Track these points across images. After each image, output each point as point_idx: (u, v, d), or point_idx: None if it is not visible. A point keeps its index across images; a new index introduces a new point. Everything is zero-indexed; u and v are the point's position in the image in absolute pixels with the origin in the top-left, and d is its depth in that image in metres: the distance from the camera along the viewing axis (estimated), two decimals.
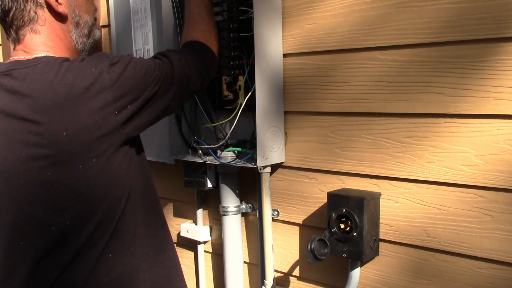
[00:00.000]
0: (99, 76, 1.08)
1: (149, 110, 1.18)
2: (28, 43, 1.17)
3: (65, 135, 1.03)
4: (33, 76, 1.07)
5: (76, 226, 1.11)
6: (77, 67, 1.08)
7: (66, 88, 1.05)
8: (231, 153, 1.59)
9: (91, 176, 1.08)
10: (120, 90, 1.10)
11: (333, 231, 1.37)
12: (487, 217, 1.22)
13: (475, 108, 1.20)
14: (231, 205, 1.68)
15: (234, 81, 1.61)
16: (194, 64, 1.31)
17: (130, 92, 1.12)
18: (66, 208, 1.09)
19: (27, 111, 1.04)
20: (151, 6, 1.81)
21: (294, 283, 1.63)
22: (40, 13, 1.16)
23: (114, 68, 1.11)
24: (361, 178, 1.42)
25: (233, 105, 1.60)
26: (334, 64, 1.43)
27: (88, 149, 1.06)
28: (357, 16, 1.37)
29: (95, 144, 1.07)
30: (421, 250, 1.33)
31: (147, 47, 1.87)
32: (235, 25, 1.53)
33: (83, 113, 1.05)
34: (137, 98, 1.13)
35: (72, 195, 1.09)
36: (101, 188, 1.11)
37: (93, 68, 1.08)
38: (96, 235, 1.12)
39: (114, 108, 1.08)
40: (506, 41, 1.15)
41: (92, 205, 1.11)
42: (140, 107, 1.15)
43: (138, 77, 1.14)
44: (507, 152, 1.17)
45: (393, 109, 1.33)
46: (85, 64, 1.10)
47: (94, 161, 1.08)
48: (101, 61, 1.11)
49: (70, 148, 1.04)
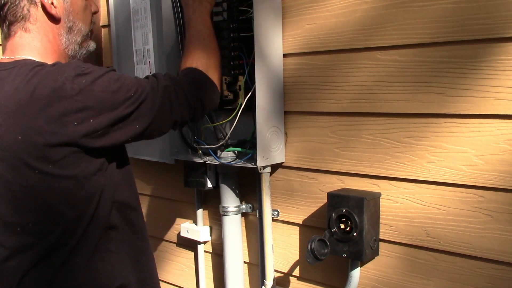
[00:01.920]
0: (62, 84, 1.05)
1: (121, 131, 1.12)
2: (17, 42, 1.17)
3: (20, 138, 1.04)
4: (7, 79, 1.09)
5: (40, 229, 1.11)
6: (44, 73, 1.07)
7: (28, 93, 1.05)
8: (231, 153, 1.59)
9: (52, 182, 1.08)
10: (82, 102, 1.06)
11: (333, 231, 1.37)
12: (487, 217, 1.22)
13: (475, 108, 1.20)
14: (231, 205, 1.68)
15: (234, 81, 1.61)
16: (184, 93, 1.23)
17: (93, 106, 1.07)
18: (29, 211, 1.10)
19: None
20: (151, 6, 1.81)
21: (294, 283, 1.63)
22: (33, 11, 1.16)
23: (80, 79, 1.07)
24: (361, 178, 1.42)
25: (233, 105, 1.60)
26: (334, 64, 1.43)
27: (43, 155, 1.05)
28: (357, 16, 1.37)
29: (50, 151, 1.05)
30: (421, 250, 1.33)
31: (147, 47, 1.87)
32: (235, 25, 1.53)
33: (41, 119, 1.04)
34: (100, 113, 1.08)
35: (33, 199, 1.09)
36: (65, 194, 1.10)
37: (58, 75, 1.07)
38: (62, 239, 1.12)
39: (73, 119, 1.05)
40: (506, 41, 1.15)
41: (56, 210, 1.11)
42: (107, 125, 1.09)
43: (106, 93, 1.09)
44: (507, 152, 1.17)
45: (393, 109, 1.33)
46: (53, 70, 1.08)
47: (51, 167, 1.06)
48: (70, 69, 1.08)
49: (25, 152, 1.05)
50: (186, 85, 1.25)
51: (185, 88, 1.24)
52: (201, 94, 1.27)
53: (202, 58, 1.34)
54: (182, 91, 1.23)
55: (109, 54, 2.13)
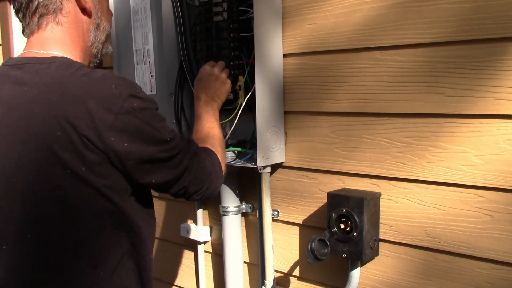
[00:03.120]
0: (114, 98, 1.00)
1: (147, 171, 1.07)
2: (48, 36, 1.12)
3: (59, 134, 0.99)
4: (46, 71, 1.04)
5: (59, 236, 1.06)
6: (97, 77, 1.03)
7: (76, 88, 1.00)
8: (231, 153, 1.59)
9: (80, 186, 1.02)
10: (124, 123, 1.00)
11: (333, 231, 1.37)
12: (487, 217, 1.22)
13: (475, 108, 1.20)
14: (231, 205, 1.68)
15: (234, 81, 1.61)
16: (205, 170, 1.19)
17: (132, 132, 1.02)
18: (48, 215, 1.05)
19: (29, 103, 1.01)
20: (151, 6, 1.81)
21: (294, 283, 1.63)
22: (65, 3, 1.12)
23: (132, 100, 1.02)
24: (361, 178, 1.42)
25: (233, 105, 1.60)
26: (334, 64, 1.43)
27: (78, 154, 0.99)
28: (357, 16, 1.37)
29: (87, 152, 1.00)
30: (421, 250, 1.33)
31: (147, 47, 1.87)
32: (235, 25, 1.53)
33: (82, 120, 0.98)
34: (134, 142, 1.03)
35: (55, 201, 1.04)
36: (88, 201, 1.04)
37: (113, 86, 1.02)
38: (82, 249, 1.07)
39: (112, 135, 1.00)
40: (506, 41, 1.15)
41: (79, 216, 1.06)
42: (137, 158, 1.04)
43: (148, 126, 1.05)
44: (507, 152, 1.17)
45: (393, 109, 1.33)
46: (108, 79, 1.04)
47: (84, 170, 1.01)
48: (126, 86, 1.03)
49: (58, 145, 0.99)
50: (209, 164, 1.21)
51: (207, 166, 1.20)
52: (214, 180, 1.23)
53: (219, 152, 1.30)
54: (203, 167, 1.19)
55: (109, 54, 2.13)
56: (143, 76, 1.90)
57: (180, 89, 1.69)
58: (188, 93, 1.70)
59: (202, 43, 1.62)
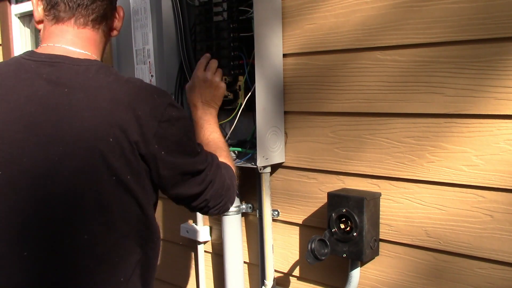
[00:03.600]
0: (158, 106, 1.03)
1: (181, 183, 1.10)
2: (88, 36, 1.11)
3: (111, 140, 0.99)
4: (87, 74, 1.03)
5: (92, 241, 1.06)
6: (139, 85, 1.05)
7: (125, 95, 1.01)
8: (231, 153, 1.59)
9: (123, 194, 1.03)
10: (164, 130, 1.03)
11: (333, 231, 1.37)
12: (487, 217, 1.22)
13: (475, 108, 1.20)
14: None
15: (234, 81, 1.61)
16: (225, 185, 1.20)
17: (169, 140, 1.05)
18: (89, 220, 1.04)
19: (75, 106, 1.00)
20: (151, 6, 1.81)
21: (294, 283, 1.63)
22: (112, 17, 1.16)
23: (171, 109, 1.05)
24: (361, 178, 1.42)
25: (233, 105, 1.60)
26: (334, 64, 1.43)
27: (126, 161, 1.00)
28: (357, 16, 1.37)
29: (133, 159, 1.01)
30: (421, 250, 1.33)
31: (147, 47, 1.87)
32: (235, 25, 1.53)
33: (133, 126, 1.00)
34: (172, 151, 1.05)
35: (98, 206, 1.03)
36: (125, 210, 1.06)
37: (155, 95, 1.05)
38: (111, 254, 1.08)
39: (155, 142, 1.02)
40: (506, 41, 1.15)
41: (115, 224, 1.06)
42: (172, 167, 1.07)
43: (183, 135, 1.08)
44: (507, 152, 1.17)
45: (393, 109, 1.33)
46: (149, 87, 1.06)
47: (129, 178, 1.02)
48: (166, 96, 1.07)
49: (108, 150, 1.00)
50: (228, 179, 1.22)
51: (226, 181, 1.21)
52: (232, 195, 1.24)
53: (233, 166, 1.31)
54: (224, 181, 1.20)
55: (109, 54, 2.13)
56: (143, 76, 1.90)
57: (180, 89, 1.69)
58: None
59: (202, 43, 1.62)
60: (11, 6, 2.75)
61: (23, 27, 2.78)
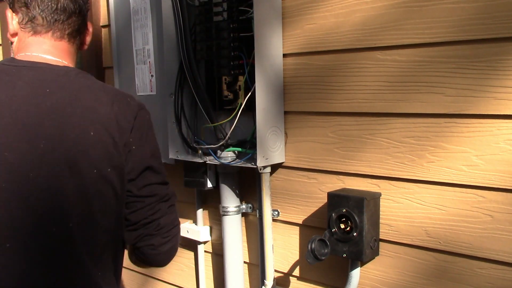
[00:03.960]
0: (132, 106, 1.14)
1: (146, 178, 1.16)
2: (66, 48, 1.18)
3: (92, 134, 1.05)
4: (68, 77, 1.10)
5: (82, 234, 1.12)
6: (114, 89, 1.17)
7: (104, 95, 1.11)
8: (231, 153, 1.59)
9: (104, 186, 1.09)
10: (137, 129, 1.13)
11: (333, 231, 1.37)
12: (487, 217, 1.22)
13: (475, 108, 1.20)
14: (231, 205, 1.68)
15: (234, 81, 1.61)
16: (172, 224, 1.22)
17: (145, 139, 1.15)
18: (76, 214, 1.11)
19: (57, 105, 1.04)
20: (151, 6, 1.81)
21: (294, 283, 1.63)
22: (83, 31, 1.24)
23: (143, 112, 1.17)
24: (361, 178, 1.42)
25: (233, 105, 1.60)
26: (334, 64, 1.43)
27: (109, 158, 1.08)
28: (357, 16, 1.37)
29: (116, 152, 1.09)
30: (421, 250, 1.33)
31: (147, 47, 1.87)
32: (235, 25, 1.53)
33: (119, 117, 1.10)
34: (142, 146, 1.15)
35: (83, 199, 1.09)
36: (106, 203, 1.11)
37: (128, 98, 1.16)
38: (94, 248, 1.13)
39: (130, 136, 1.11)
40: (506, 41, 1.15)
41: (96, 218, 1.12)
42: (143, 164, 1.14)
43: (154, 139, 1.19)
44: (507, 152, 1.17)
45: (393, 109, 1.33)
46: (121, 91, 1.18)
47: (109, 170, 1.07)
48: (135, 99, 1.18)
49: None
50: (176, 230, 1.24)
51: (176, 225, 1.23)
52: (178, 235, 1.25)
53: None
54: (176, 211, 1.23)
55: (109, 54, 2.13)
56: (143, 76, 1.90)
57: (180, 89, 1.69)
58: (188, 93, 1.70)
59: (202, 43, 1.62)
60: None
61: None
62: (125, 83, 2.00)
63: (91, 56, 2.20)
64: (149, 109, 1.21)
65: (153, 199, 1.16)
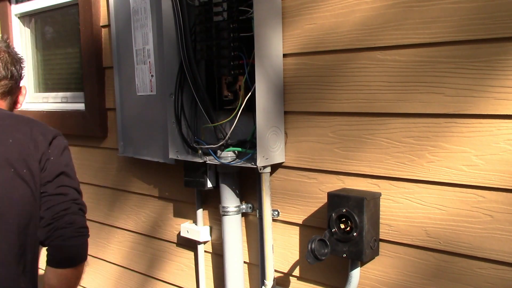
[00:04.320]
0: (48, 129, 1.39)
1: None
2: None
3: (11, 143, 1.31)
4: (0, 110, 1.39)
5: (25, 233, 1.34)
6: (35, 119, 1.40)
7: (25, 118, 1.38)
8: (231, 153, 1.59)
9: (25, 190, 1.31)
10: (55, 146, 1.37)
11: (333, 231, 1.37)
12: (487, 217, 1.22)
13: (475, 108, 1.21)
14: (231, 205, 1.68)
15: (234, 81, 1.61)
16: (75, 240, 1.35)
17: (62, 157, 1.38)
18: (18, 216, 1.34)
19: None
20: (151, 6, 1.81)
21: (294, 283, 1.63)
22: (15, 93, 1.48)
23: (60, 138, 1.40)
24: (361, 178, 1.42)
25: (233, 105, 1.60)
26: (334, 64, 1.43)
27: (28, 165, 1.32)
28: (357, 16, 1.37)
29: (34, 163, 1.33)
30: (421, 250, 1.33)
31: (147, 47, 1.87)
32: (235, 25, 1.53)
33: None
34: (58, 156, 1.36)
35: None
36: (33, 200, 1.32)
37: (47, 125, 1.41)
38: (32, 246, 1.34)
39: (47, 150, 1.34)
40: (506, 41, 1.15)
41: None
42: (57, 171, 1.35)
43: (69, 157, 1.40)
44: (507, 152, 1.17)
45: (393, 109, 1.33)
46: (41, 122, 1.42)
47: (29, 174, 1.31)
48: (53, 129, 1.40)
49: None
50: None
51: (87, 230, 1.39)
52: (86, 244, 1.38)
53: None
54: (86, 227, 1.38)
55: (109, 54, 2.13)
56: (143, 76, 1.90)
57: (180, 89, 1.69)
58: (188, 93, 1.70)
59: (202, 43, 1.62)
60: (11, 6, 2.75)
61: (23, 27, 2.78)
62: (125, 83, 2.00)
63: (91, 56, 2.20)
64: (149, 109, 1.22)
65: (66, 198, 1.33)
